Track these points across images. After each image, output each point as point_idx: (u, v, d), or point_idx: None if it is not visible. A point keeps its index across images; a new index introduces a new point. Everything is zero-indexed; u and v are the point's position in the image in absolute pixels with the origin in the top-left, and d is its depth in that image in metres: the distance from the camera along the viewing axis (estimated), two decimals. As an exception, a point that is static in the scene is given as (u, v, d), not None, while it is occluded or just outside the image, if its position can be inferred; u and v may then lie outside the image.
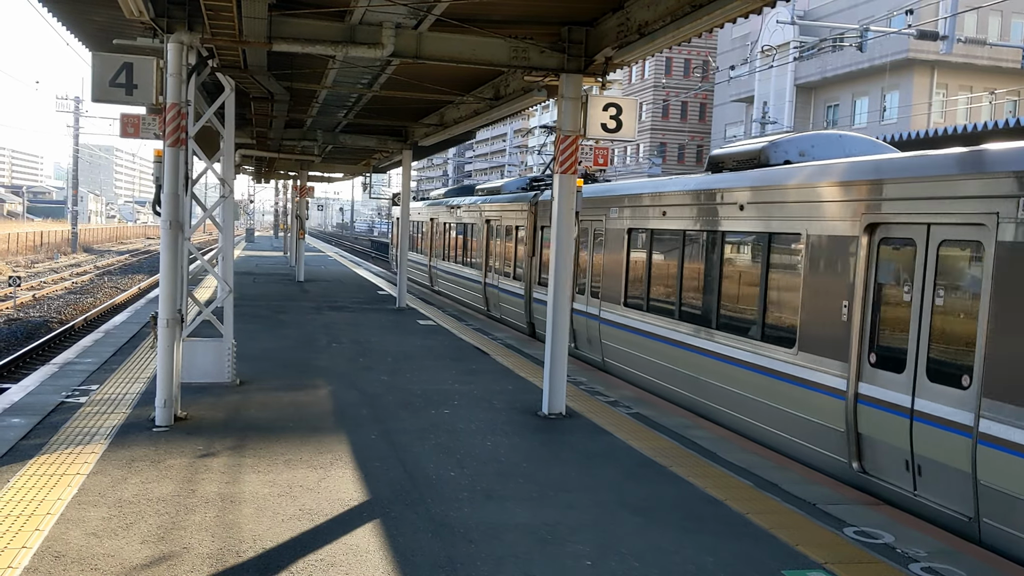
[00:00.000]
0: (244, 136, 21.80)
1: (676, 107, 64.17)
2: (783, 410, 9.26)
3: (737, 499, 7.30)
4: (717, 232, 10.85)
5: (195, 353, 10.84)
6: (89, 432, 8.50)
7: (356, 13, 9.22)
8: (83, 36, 11.60)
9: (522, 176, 28.25)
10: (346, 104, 17.34)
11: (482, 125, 17.01)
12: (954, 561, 6.10)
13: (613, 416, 10.25)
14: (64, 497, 6.62)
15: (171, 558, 5.59)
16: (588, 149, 14.16)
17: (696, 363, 11.04)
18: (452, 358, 13.94)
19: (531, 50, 9.93)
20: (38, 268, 44.61)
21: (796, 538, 6.42)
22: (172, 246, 9.08)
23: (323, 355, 13.72)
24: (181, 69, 8.92)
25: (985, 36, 39.04)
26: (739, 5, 7.37)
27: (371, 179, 52.43)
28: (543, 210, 17.16)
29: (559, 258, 10.16)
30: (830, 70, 43.34)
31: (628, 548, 6.10)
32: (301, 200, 32.38)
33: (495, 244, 20.90)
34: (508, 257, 19.68)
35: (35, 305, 28.07)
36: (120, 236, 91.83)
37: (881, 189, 8.06)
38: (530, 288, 18.07)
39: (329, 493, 7.03)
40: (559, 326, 10.18)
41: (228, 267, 11.30)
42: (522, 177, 22.15)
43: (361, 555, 5.78)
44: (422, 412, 10.03)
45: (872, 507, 7.28)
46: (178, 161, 9.00)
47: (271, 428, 9.02)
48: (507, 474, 7.75)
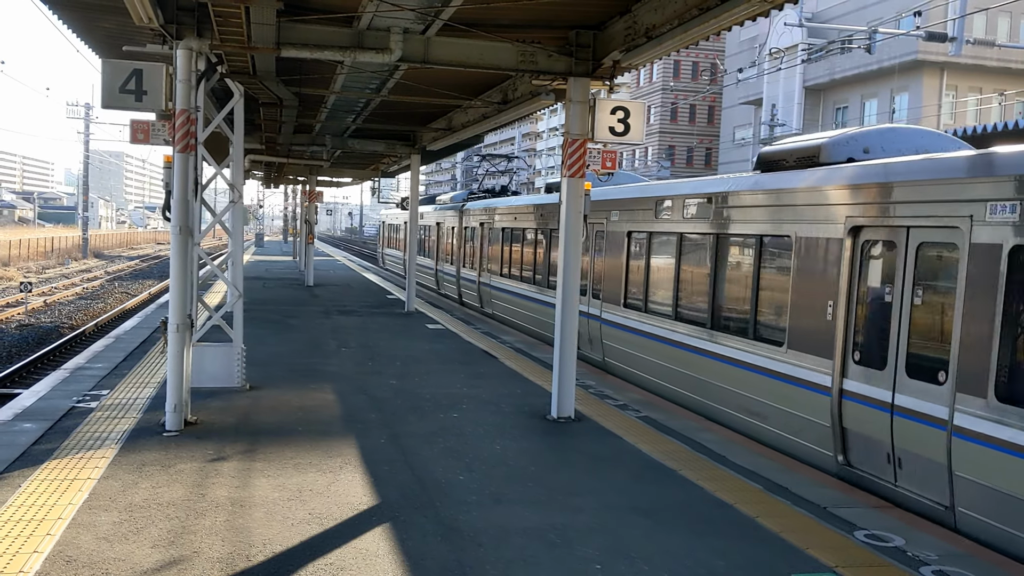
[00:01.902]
0: (253, 141, 21.86)
1: (684, 110, 64.12)
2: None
3: (746, 502, 7.29)
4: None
5: (205, 358, 10.87)
6: (100, 437, 8.54)
7: (364, 18, 9.25)
8: (93, 43, 11.66)
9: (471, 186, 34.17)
10: (355, 109, 17.38)
11: (490, 129, 17.04)
12: (965, 564, 6.07)
13: (622, 419, 10.24)
14: (75, 502, 6.65)
15: (182, 562, 5.61)
16: (596, 153, 14.16)
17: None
18: (460, 362, 13.95)
19: (538, 54, 9.95)
20: (49, 274, 44.81)
21: (806, 541, 6.41)
22: (182, 251, 9.12)
23: (332, 359, 13.75)
24: (190, 75, 8.97)
25: (994, 37, 38.90)
26: (746, 8, 7.37)
27: (379, 183, 52.30)
28: (467, 214, 24.73)
29: (567, 262, 10.15)
30: (839, 72, 43.24)
31: (637, 551, 6.10)
32: (310, 205, 32.46)
33: (442, 241, 28.40)
34: (448, 250, 27.08)
35: (46, 310, 28.20)
36: (130, 241, 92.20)
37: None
38: (459, 271, 25.73)
39: (338, 497, 7.04)
40: (567, 330, 10.17)
41: (238, 272, 11.34)
42: (465, 190, 30.49)
43: (370, 559, 5.79)
44: (430, 416, 10.04)
45: (882, 510, 7.26)
46: (188, 167, 9.03)
47: (280, 432, 9.04)
48: (516, 477, 7.75)
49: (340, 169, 32.07)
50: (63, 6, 9.67)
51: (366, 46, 9.57)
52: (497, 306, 21.67)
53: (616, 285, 14.08)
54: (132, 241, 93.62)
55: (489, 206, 22.96)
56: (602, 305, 14.50)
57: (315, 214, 32.12)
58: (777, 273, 9.85)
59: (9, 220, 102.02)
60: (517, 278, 19.89)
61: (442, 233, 28.49)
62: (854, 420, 8.32)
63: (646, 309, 13.00)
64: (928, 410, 7.35)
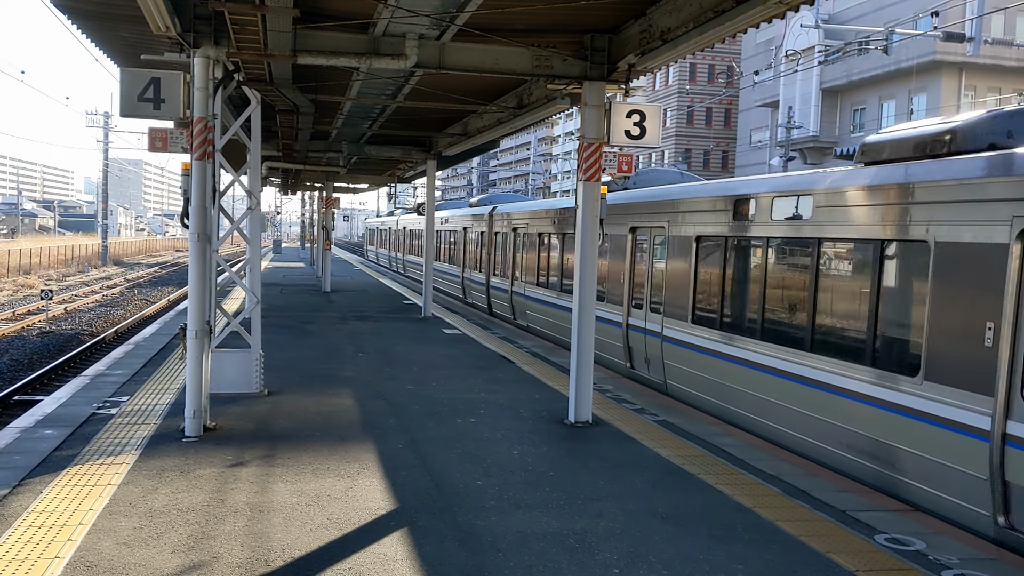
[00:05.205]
0: (270, 148, 22.00)
1: (700, 113, 63.95)
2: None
3: (767, 507, 7.24)
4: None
5: (224, 364, 10.93)
6: (120, 443, 8.59)
7: (379, 25, 9.28)
8: (112, 52, 11.76)
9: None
10: (371, 115, 17.44)
11: (506, 134, 17.05)
12: (987, 568, 6.01)
13: (640, 424, 10.21)
14: (96, 507, 6.69)
15: (201, 567, 5.63)
16: (612, 156, 14.21)
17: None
18: (477, 367, 13.95)
19: (554, 58, 9.95)
20: (69, 281, 45.19)
21: (827, 546, 6.36)
22: (200, 258, 9.17)
23: (349, 365, 13.79)
24: (208, 83, 9.02)
25: (1013, 37, 38.63)
26: (762, 10, 7.33)
27: (395, 189, 52.39)
28: (500, 219, 23.92)
29: (583, 266, 10.14)
30: (856, 73, 42.99)
31: (657, 556, 6.07)
32: (327, 211, 32.57)
33: (470, 248, 28.65)
34: (476, 258, 27.24)
35: (67, 318, 28.43)
36: (149, 249, 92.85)
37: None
38: (464, 274, 28.08)
39: (356, 502, 7.05)
40: (584, 333, 10.15)
41: (255, 278, 11.39)
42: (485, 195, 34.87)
43: (388, 564, 5.79)
44: (448, 421, 10.04)
45: (902, 514, 7.20)
46: (205, 174, 9.09)
47: (299, 438, 9.07)
48: (534, 483, 7.74)
49: (357, 175, 32.20)
50: (82, 16, 9.75)
51: (382, 52, 9.60)
52: (533, 318, 19.97)
53: (683, 297, 12.35)
54: (151, 248, 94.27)
55: (524, 209, 21.49)
56: (664, 321, 12.81)
57: (332, 220, 32.21)
58: (904, 286, 8.22)
59: (30, 228, 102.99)
60: (558, 288, 18.05)
61: (469, 239, 27.87)
62: (1022, 473, 6.68)
63: (721, 326, 11.31)
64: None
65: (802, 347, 9.50)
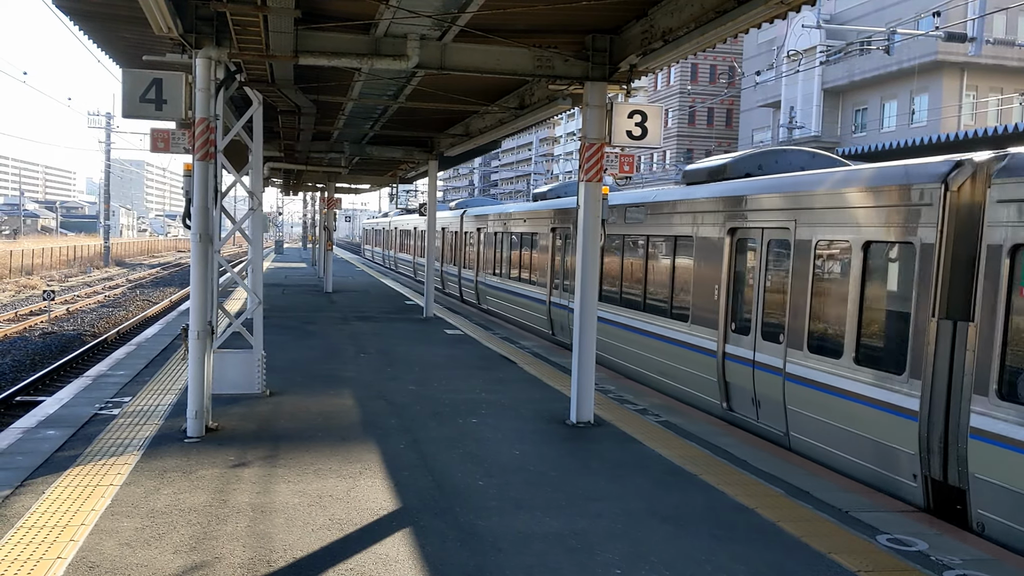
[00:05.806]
0: (272, 149, 22.01)
1: (702, 113, 63.94)
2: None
3: (768, 507, 7.24)
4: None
5: (225, 364, 10.93)
6: (122, 443, 8.61)
7: (381, 26, 9.29)
8: (114, 53, 11.77)
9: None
10: (372, 116, 17.45)
11: (507, 134, 17.05)
12: (989, 569, 6.01)
13: (641, 424, 10.21)
14: (98, 508, 6.70)
15: (203, 568, 5.64)
16: (613, 157, 14.16)
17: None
18: (479, 367, 13.95)
19: (555, 59, 9.95)
20: (71, 282, 45.23)
21: (828, 546, 6.36)
22: (202, 259, 9.18)
23: (351, 365, 13.80)
24: (209, 84, 9.03)
25: (1015, 37, 38.58)
26: (764, 10, 7.33)
27: (397, 190, 52.65)
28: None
29: (585, 267, 10.14)
30: (858, 74, 42.98)
31: (658, 557, 6.07)
32: (329, 212, 32.58)
33: (417, 243, 34.44)
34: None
35: (69, 319, 28.46)
36: (151, 250, 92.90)
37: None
38: (443, 267, 30.84)
39: (358, 503, 7.06)
40: (586, 334, 10.15)
41: (257, 279, 11.40)
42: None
43: (390, 564, 5.80)
44: (450, 421, 10.05)
45: (905, 514, 7.20)
46: (207, 175, 9.10)
47: (301, 438, 9.07)
48: (535, 483, 7.74)
49: (358, 176, 32.21)
50: (84, 17, 9.76)
51: (383, 53, 9.60)
52: (493, 303, 21.62)
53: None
54: (153, 249, 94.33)
55: (486, 213, 22.73)
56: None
57: (334, 220, 32.23)
58: (686, 263, 10.44)
59: (32, 229, 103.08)
60: (507, 277, 20.40)
61: (447, 238, 29.58)
62: (735, 375, 7.01)
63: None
64: (774, 362, 8.44)
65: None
